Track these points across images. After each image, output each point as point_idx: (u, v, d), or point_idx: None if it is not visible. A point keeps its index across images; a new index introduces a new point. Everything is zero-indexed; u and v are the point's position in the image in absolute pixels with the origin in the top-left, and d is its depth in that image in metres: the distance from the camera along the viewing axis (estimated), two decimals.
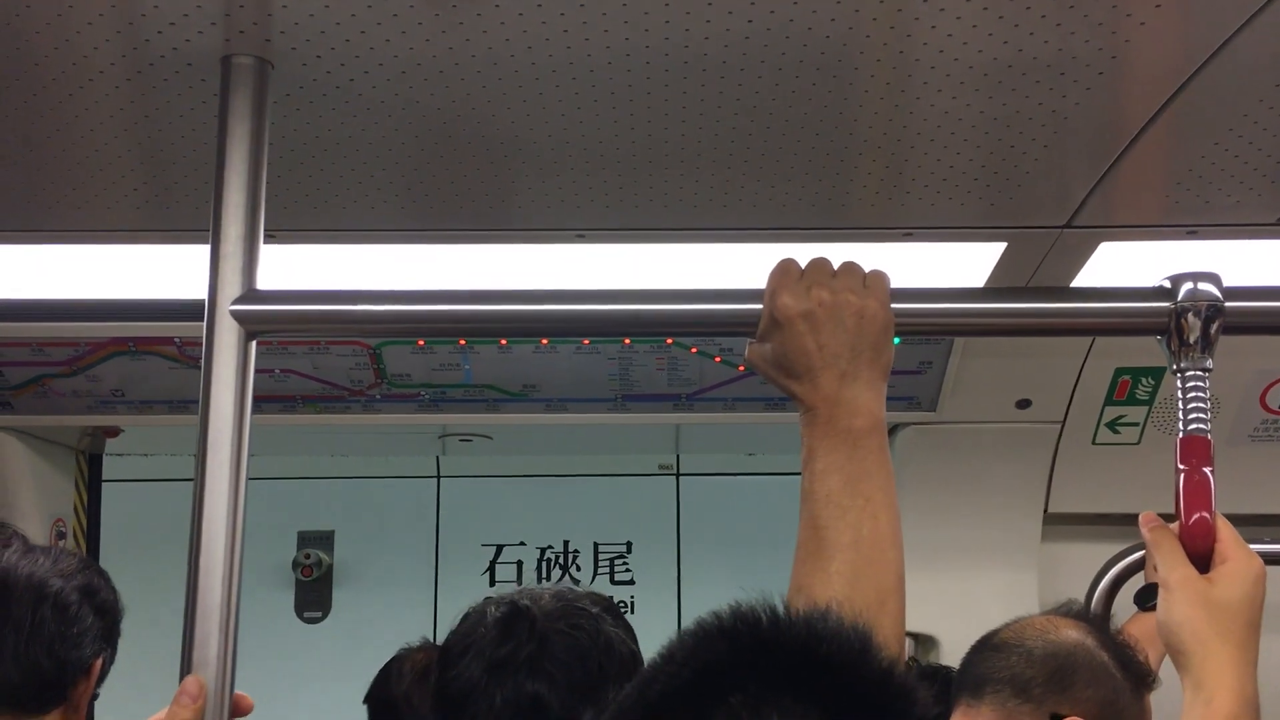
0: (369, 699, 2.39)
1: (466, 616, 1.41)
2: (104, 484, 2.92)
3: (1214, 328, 1.22)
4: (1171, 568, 1.19)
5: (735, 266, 1.76)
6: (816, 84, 1.35)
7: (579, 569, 4.49)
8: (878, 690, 0.74)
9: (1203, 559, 1.20)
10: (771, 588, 0.81)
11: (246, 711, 1.22)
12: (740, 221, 1.74)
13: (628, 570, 4.50)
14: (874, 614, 1.12)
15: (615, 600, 1.51)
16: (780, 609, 0.77)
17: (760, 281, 1.25)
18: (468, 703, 1.33)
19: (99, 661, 1.54)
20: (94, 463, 2.87)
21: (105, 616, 1.56)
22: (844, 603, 1.09)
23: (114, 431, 2.74)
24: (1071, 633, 1.76)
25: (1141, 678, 1.74)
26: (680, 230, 1.78)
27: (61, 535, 2.69)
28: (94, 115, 1.42)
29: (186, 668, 1.17)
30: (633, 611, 4.42)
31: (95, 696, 1.57)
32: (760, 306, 1.23)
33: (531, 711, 1.29)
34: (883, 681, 0.75)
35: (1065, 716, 1.69)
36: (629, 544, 4.50)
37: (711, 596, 0.82)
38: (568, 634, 1.33)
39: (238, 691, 1.20)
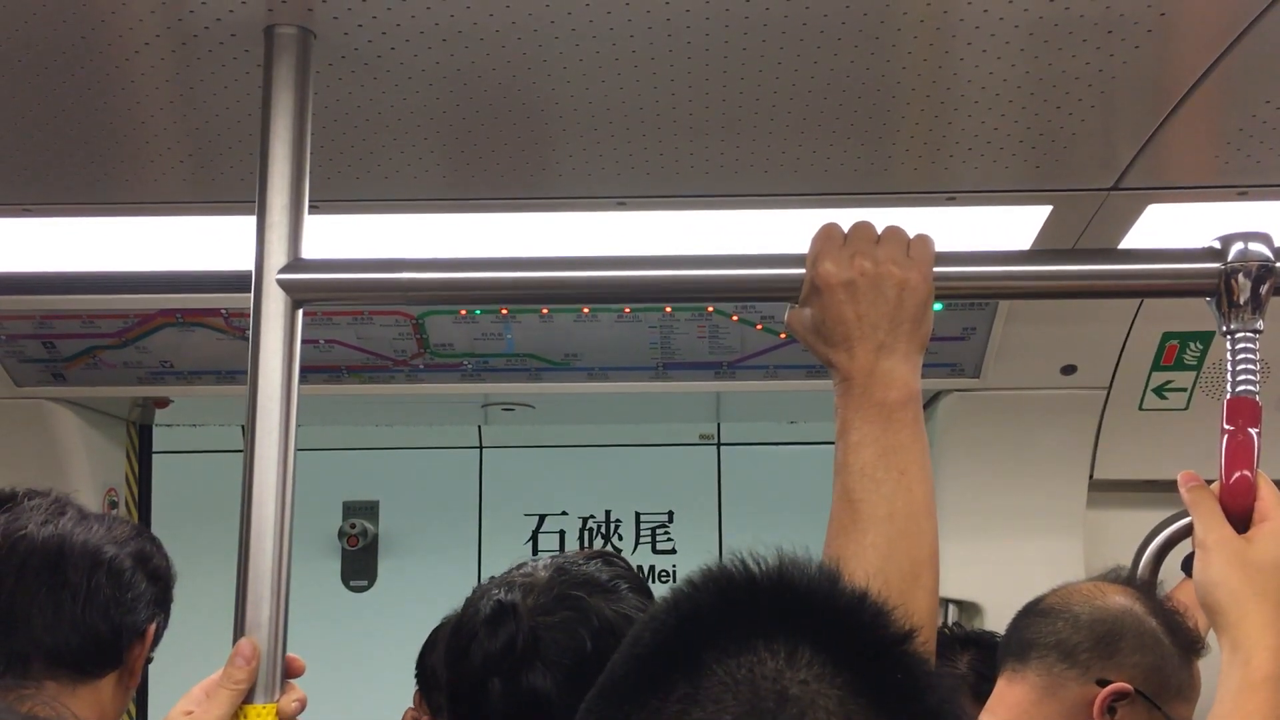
0: (418, 666, 2.42)
1: (468, 603, 1.39)
2: (154, 454, 2.97)
3: (1265, 288, 1.21)
4: (1209, 528, 1.18)
5: (777, 232, 1.75)
6: (858, 46, 1.34)
7: (621, 538, 4.52)
8: (853, 610, 0.78)
9: (1242, 519, 1.19)
10: (813, 555, 0.83)
11: (299, 673, 1.24)
12: (782, 187, 1.73)
13: (669, 539, 4.52)
14: (908, 586, 1.12)
15: (654, 569, 1.50)
16: (750, 559, 0.80)
17: (803, 247, 1.25)
18: (472, 698, 1.32)
19: (153, 626, 1.57)
20: (144, 433, 2.92)
21: (158, 582, 1.59)
22: (877, 575, 1.10)
23: (164, 402, 2.77)
24: (1119, 599, 1.75)
25: (1190, 645, 1.73)
26: (721, 196, 1.77)
27: (114, 504, 2.74)
28: (139, 88, 1.44)
29: (240, 631, 1.20)
30: (674, 580, 4.43)
31: (149, 660, 1.60)
32: (802, 271, 1.22)
33: (532, 707, 1.28)
34: (858, 603, 0.78)
35: (1111, 682, 1.68)
36: (670, 513, 4.52)
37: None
38: (558, 626, 1.30)
39: (289, 654, 1.22)
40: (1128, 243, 1.89)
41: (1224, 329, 1.22)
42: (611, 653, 1.27)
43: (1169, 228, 1.85)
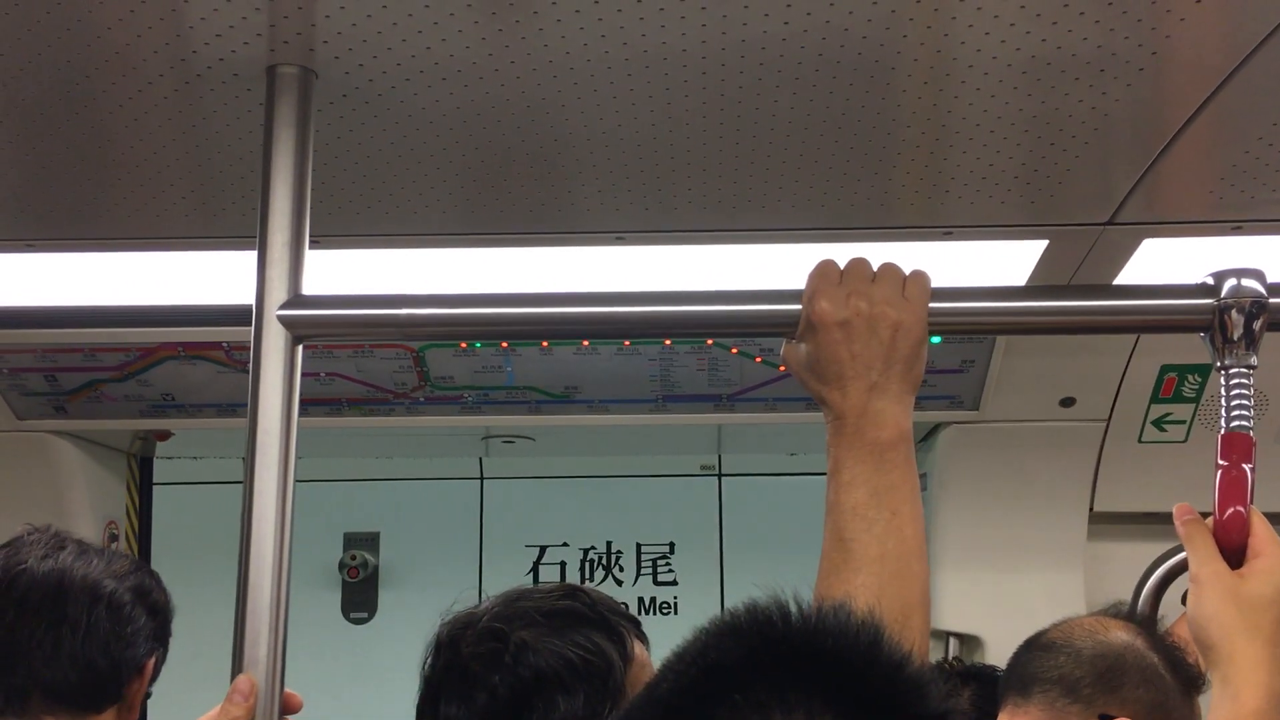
0: None
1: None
2: (155, 486, 2.97)
3: (1258, 324, 1.21)
4: (1203, 562, 1.18)
5: (775, 267, 1.76)
6: (856, 84, 1.35)
7: (622, 569, 4.51)
8: (888, 683, 0.74)
9: (1236, 554, 1.19)
10: (809, 588, 0.81)
11: (296, 709, 1.24)
12: (780, 222, 1.74)
13: (670, 571, 4.50)
14: (899, 628, 1.11)
15: (655, 600, 1.49)
16: (793, 606, 0.77)
17: (801, 282, 1.25)
18: None
19: (152, 660, 1.57)
20: (145, 466, 2.92)
21: (157, 616, 1.60)
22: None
23: (164, 435, 2.78)
24: (1121, 634, 1.75)
25: (1192, 680, 1.73)
26: (720, 231, 1.78)
27: (114, 537, 2.74)
28: (144, 125, 1.45)
29: (237, 667, 1.20)
30: (676, 612, 4.43)
31: (148, 695, 1.60)
32: (799, 308, 1.23)
33: None
34: (893, 674, 0.74)
35: (1115, 717, 1.68)
36: (671, 544, 4.51)
37: (754, 597, 0.82)
38: (478, 658, 1.34)
39: (287, 690, 1.22)
40: (1124, 277, 1.90)
41: (1218, 364, 1.23)
42: (528, 686, 1.30)
43: (1165, 262, 1.86)
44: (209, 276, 1.99)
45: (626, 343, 2.31)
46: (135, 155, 1.54)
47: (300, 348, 1.27)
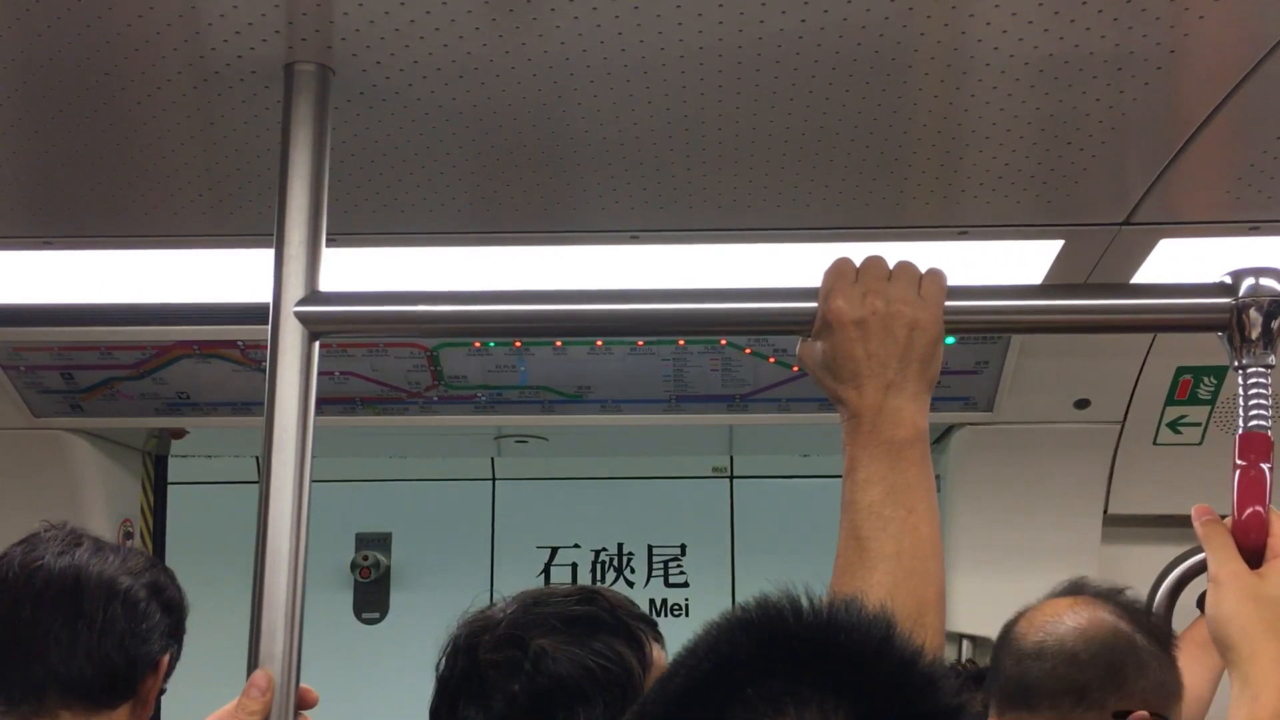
0: None
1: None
2: (169, 485, 2.98)
3: (1276, 323, 1.21)
4: (1222, 562, 1.18)
5: (789, 267, 1.76)
6: (871, 82, 1.35)
7: (633, 571, 4.50)
8: (900, 678, 0.74)
9: (1255, 554, 1.18)
10: (822, 589, 0.80)
11: (312, 704, 1.25)
12: (794, 221, 1.74)
13: (682, 573, 4.50)
14: (913, 626, 1.11)
15: (666, 602, 1.47)
16: (804, 601, 0.76)
17: (816, 281, 1.25)
18: None
19: (166, 657, 1.58)
20: (160, 464, 2.93)
21: (172, 613, 1.60)
22: None
23: (180, 433, 2.79)
24: (1104, 617, 1.73)
25: (1167, 641, 1.74)
26: (734, 230, 1.78)
27: (129, 535, 2.75)
28: (161, 123, 1.46)
29: (253, 662, 1.20)
30: (687, 614, 4.42)
31: (162, 691, 1.60)
32: (814, 306, 1.23)
33: None
34: (905, 669, 0.74)
35: (1129, 713, 1.67)
36: (683, 546, 4.51)
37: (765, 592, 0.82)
38: (497, 665, 1.33)
39: (303, 685, 1.23)
40: (1140, 277, 1.90)
41: (1235, 364, 1.23)
42: (547, 695, 1.29)
43: (1181, 262, 1.85)
44: (225, 275, 2.00)
45: (640, 343, 2.31)
46: (152, 153, 1.54)
47: (317, 344, 1.27)
